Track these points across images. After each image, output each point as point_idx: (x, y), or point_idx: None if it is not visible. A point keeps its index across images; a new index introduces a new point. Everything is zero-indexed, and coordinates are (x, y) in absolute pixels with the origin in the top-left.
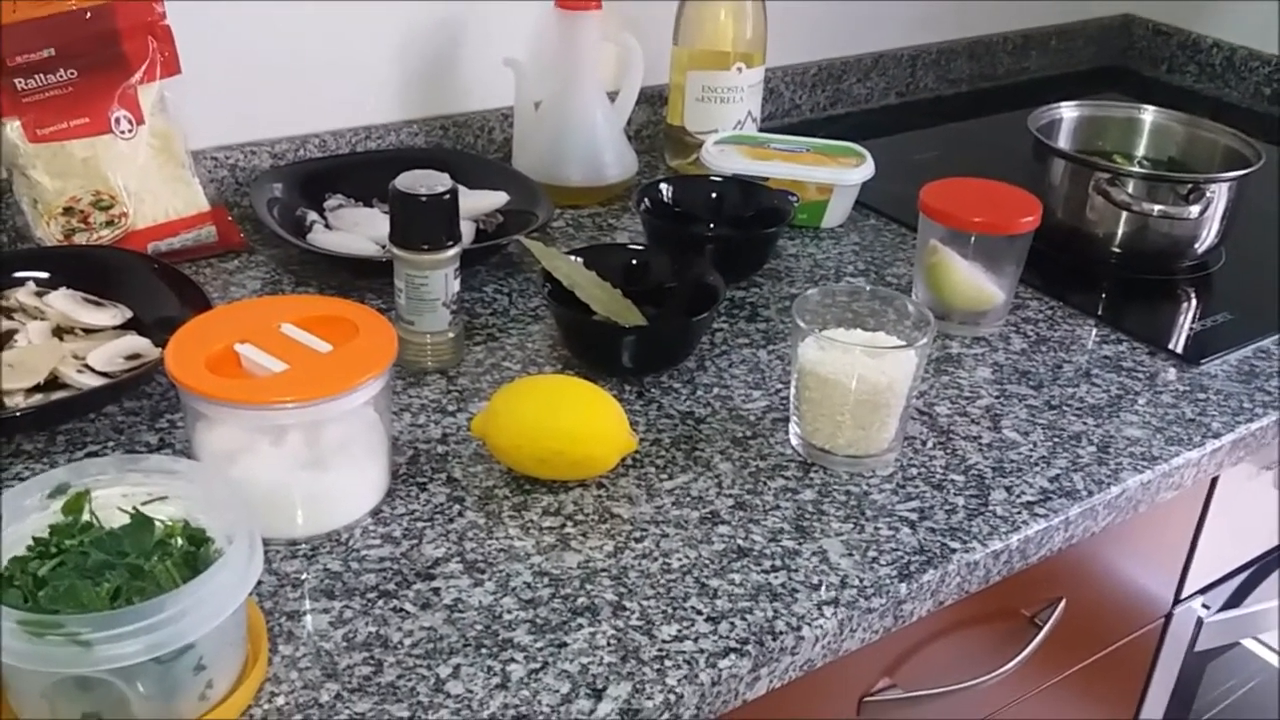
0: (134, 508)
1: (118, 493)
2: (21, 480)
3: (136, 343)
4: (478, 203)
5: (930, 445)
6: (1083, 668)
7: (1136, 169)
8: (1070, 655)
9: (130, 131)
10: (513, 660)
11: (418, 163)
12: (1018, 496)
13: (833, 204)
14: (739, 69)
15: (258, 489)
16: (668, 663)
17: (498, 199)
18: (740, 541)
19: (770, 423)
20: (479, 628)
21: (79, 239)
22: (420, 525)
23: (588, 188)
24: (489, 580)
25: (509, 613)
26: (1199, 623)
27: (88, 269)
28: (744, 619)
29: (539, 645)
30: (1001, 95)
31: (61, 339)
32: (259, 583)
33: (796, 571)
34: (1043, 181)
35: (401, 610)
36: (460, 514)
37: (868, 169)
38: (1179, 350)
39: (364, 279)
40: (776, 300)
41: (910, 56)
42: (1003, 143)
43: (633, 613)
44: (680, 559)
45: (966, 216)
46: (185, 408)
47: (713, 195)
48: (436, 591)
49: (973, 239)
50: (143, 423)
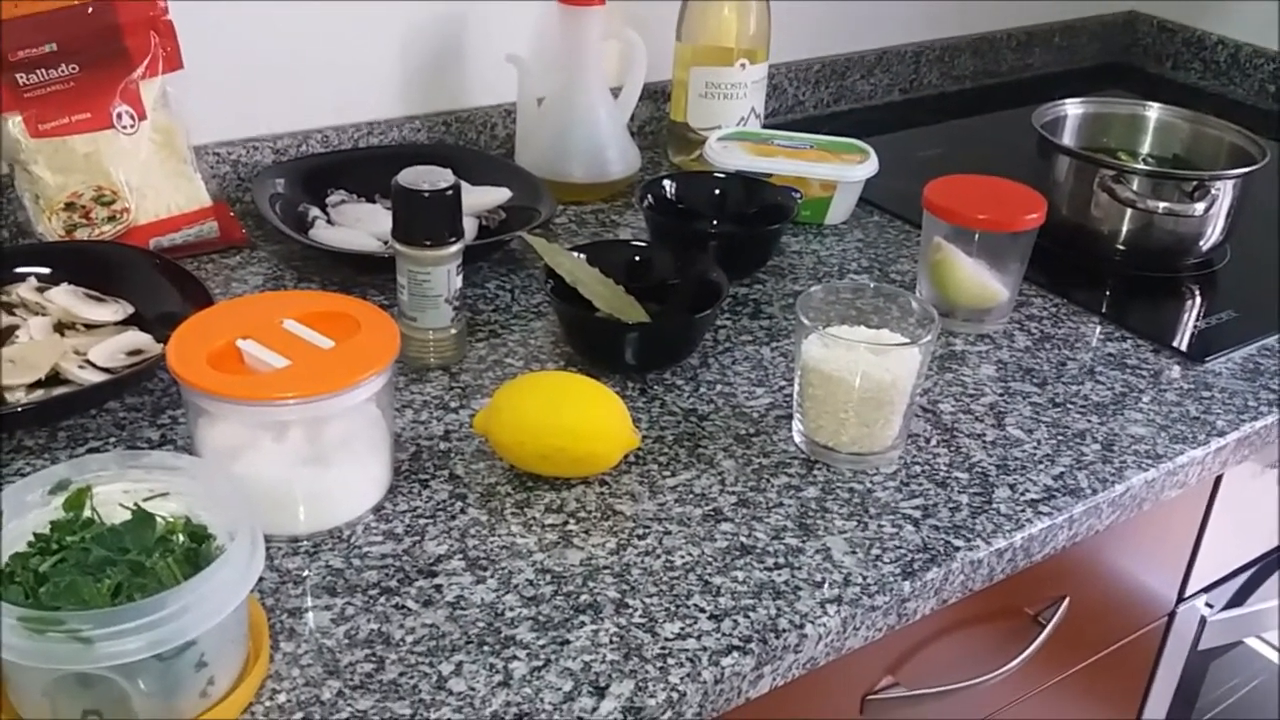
0: (135, 504)
1: (119, 489)
2: (23, 476)
3: (138, 338)
4: (480, 199)
5: (934, 443)
6: (1086, 666)
7: (1141, 166)
8: (1073, 654)
9: (132, 127)
10: (515, 658)
11: (420, 159)
12: (1022, 494)
13: (836, 201)
14: (742, 65)
15: (259, 485)
16: (670, 661)
17: (500, 195)
18: (743, 539)
19: (773, 420)
20: (481, 625)
21: (81, 234)
22: (422, 522)
23: (591, 184)
24: (491, 577)
25: (511, 610)
26: (1202, 621)
27: (89, 264)
28: (747, 617)
29: (541, 643)
30: (1005, 92)
31: (63, 334)
32: (260, 579)
33: (800, 569)
34: (1047, 178)
35: (403, 607)
36: (462, 511)
37: (871, 165)
38: (1183, 348)
39: (366, 275)
40: (780, 297)
41: (914, 53)
42: (1007, 139)
43: (635, 610)
44: (683, 556)
45: (971, 213)
46: (187, 404)
47: (716, 192)
48: (439, 589)
49: (977, 236)
50: (144, 419)
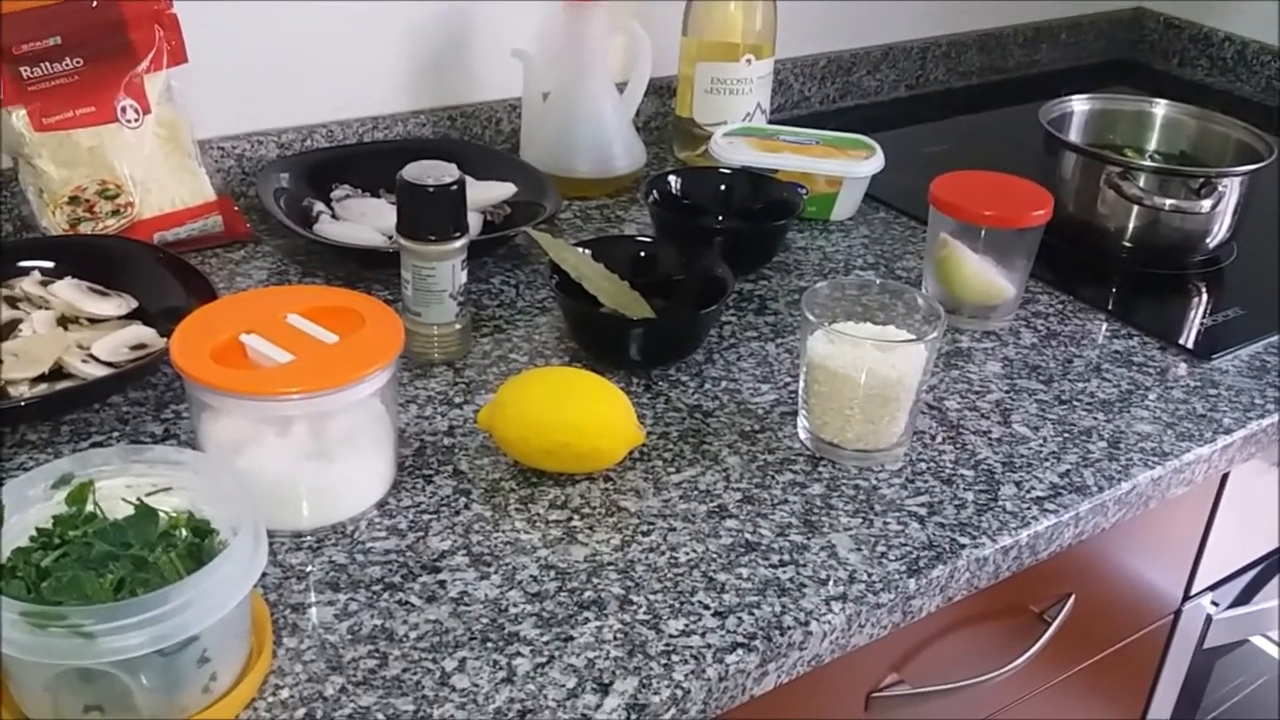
0: (138, 499)
1: (122, 483)
2: (25, 470)
3: (142, 333)
4: (485, 194)
5: (940, 440)
6: (1091, 664)
7: (1148, 163)
8: (1079, 651)
9: (136, 121)
10: (519, 654)
11: (425, 153)
12: (1027, 492)
13: (842, 197)
14: (748, 60)
15: (263, 480)
16: (675, 657)
17: (505, 190)
18: (748, 536)
19: (779, 416)
20: (485, 621)
21: (84, 228)
22: (426, 518)
23: (596, 179)
24: (495, 573)
25: (515, 606)
26: (1208, 619)
27: (93, 258)
28: (751, 614)
29: (545, 639)
30: (1012, 88)
31: (66, 328)
32: (263, 575)
33: (804, 566)
34: (1054, 175)
35: (407, 603)
36: (466, 506)
37: (877, 161)
38: (1190, 345)
39: (371, 270)
40: (785, 293)
41: (920, 49)
42: (1013, 136)
43: (639, 607)
44: (687, 553)
45: (977, 210)
46: (190, 398)
47: (721, 187)
48: (442, 584)
49: (983, 232)
50: (148, 413)
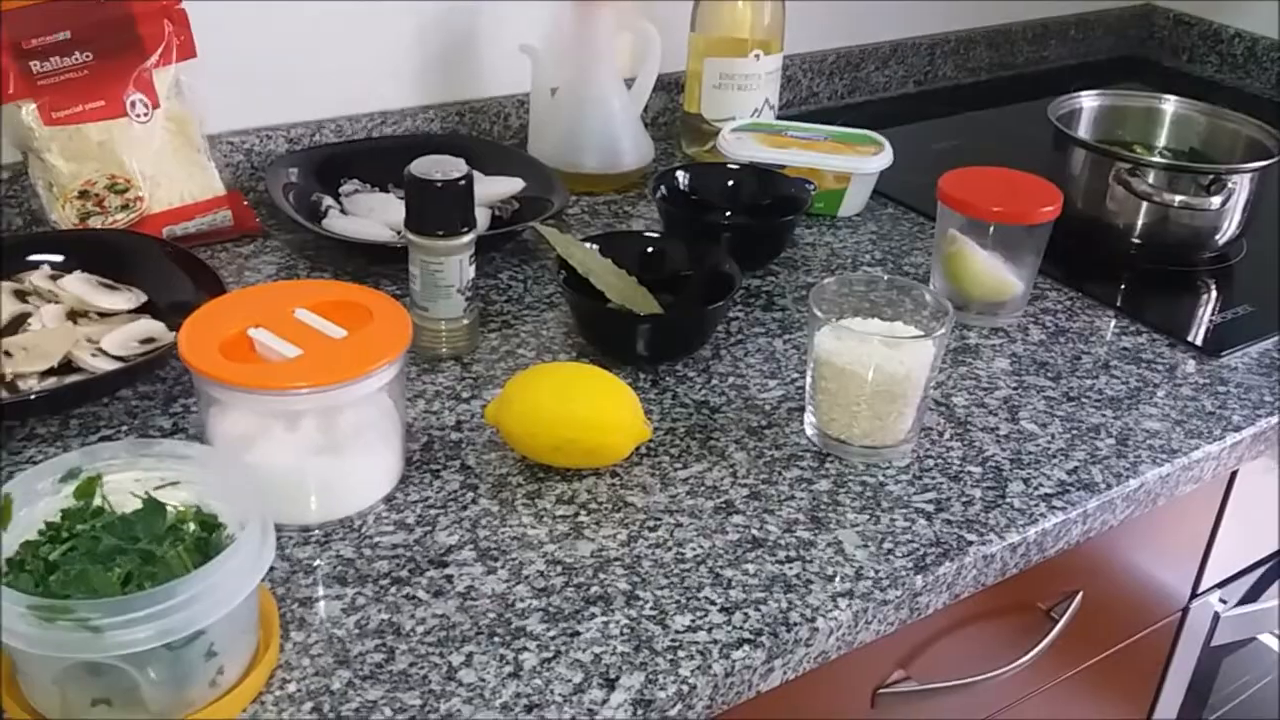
0: (146, 493)
1: (130, 477)
2: (34, 464)
3: (151, 327)
4: (493, 189)
5: (947, 436)
6: (1098, 661)
7: (1157, 159)
8: (1086, 649)
9: (146, 115)
10: (525, 649)
11: (433, 148)
12: (1035, 489)
13: (850, 192)
14: (756, 56)
15: (271, 474)
16: (681, 653)
17: (513, 185)
18: (755, 532)
19: (785, 412)
20: (492, 616)
21: (94, 222)
22: (434, 512)
23: (604, 175)
24: (502, 568)
25: (522, 601)
26: (1216, 617)
27: (102, 253)
28: (758, 610)
29: (551, 634)
30: (1021, 84)
31: (76, 323)
32: (271, 569)
33: (811, 562)
34: (1062, 171)
35: (414, 598)
36: (474, 501)
37: (886, 157)
38: (1199, 342)
39: (379, 265)
40: (793, 289)
41: (929, 45)
42: (1022, 132)
43: (646, 602)
44: (694, 549)
45: (985, 206)
46: (199, 392)
47: (729, 183)
48: (449, 579)
49: (991, 229)
50: (156, 407)
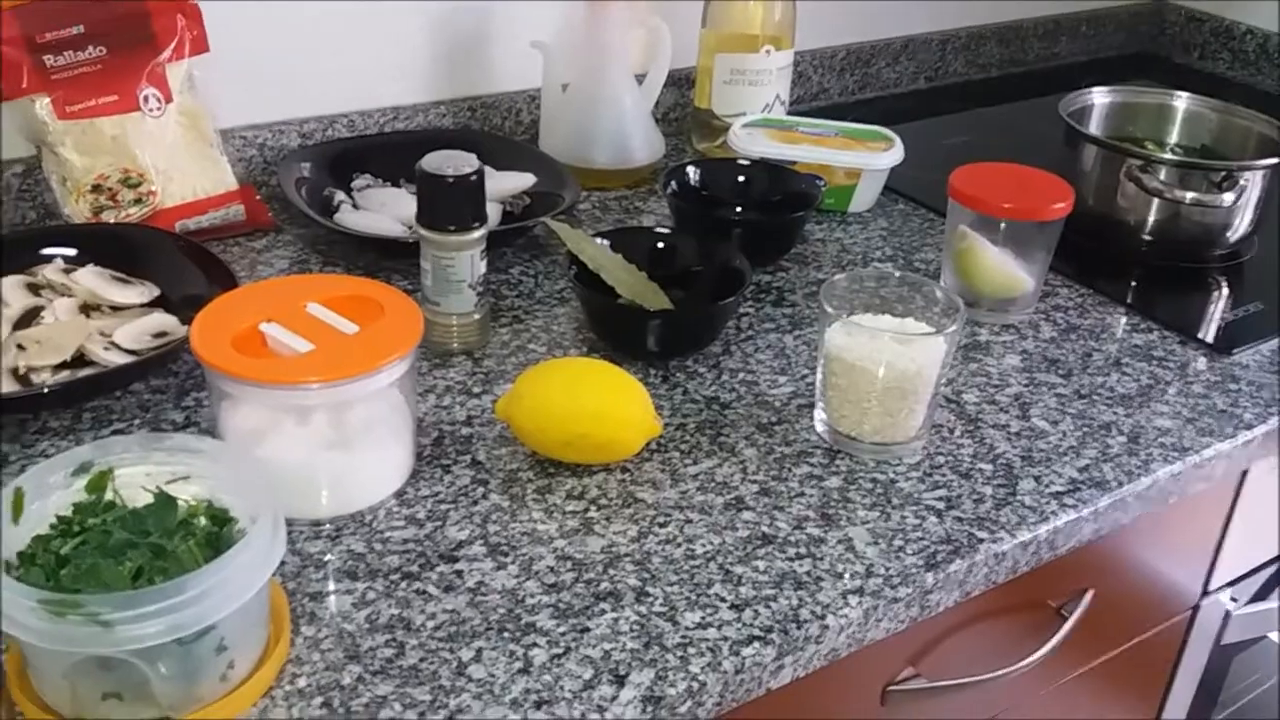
0: (157, 487)
1: (141, 471)
2: (47, 457)
3: (164, 320)
4: (504, 184)
5: (958, 433)
6: (1108, 659)
7: (1169, 156)
8: (1096, 647)
9: (159, 109)
10: (535, 645)
11: (445, 143)
12: (1046, 486)
13: (861, 188)
14: (767, 52)
15: (282, 469)
16: (691, 650)
17: (524, 181)
18: (765, 528)
19: (796, 409)
20: (502, 611)
21: (107, 216)
22: (444, 507)
23: (615, 170)
24: (512, 564)
25: (532, 596)
26: (1226, 615)
27: (115, 246)
28: (768, 607)
29: (561, 630)
30: (1032, 80)
31: (89, 316)
32: (282, 563)
33: (822, 559)
34: (1074, 168)
35: (424, 593)
36: (484, 496)
37: (896, 153)
38: (1210, 340)
39: (391, 259)
40: (803, 285)
41: (940, 41)
42: (1033, 128)
43: (656, 599)
44: (704, 545)
45: (996, 202)
46: (211, 386)
47: (740, 179)
48: (459, 574)
49: (1002, 225)
50: (169, 401)
